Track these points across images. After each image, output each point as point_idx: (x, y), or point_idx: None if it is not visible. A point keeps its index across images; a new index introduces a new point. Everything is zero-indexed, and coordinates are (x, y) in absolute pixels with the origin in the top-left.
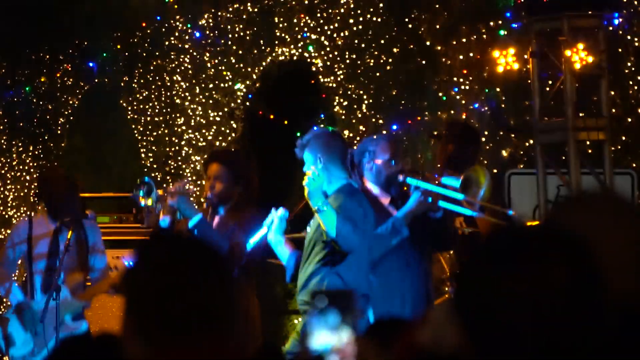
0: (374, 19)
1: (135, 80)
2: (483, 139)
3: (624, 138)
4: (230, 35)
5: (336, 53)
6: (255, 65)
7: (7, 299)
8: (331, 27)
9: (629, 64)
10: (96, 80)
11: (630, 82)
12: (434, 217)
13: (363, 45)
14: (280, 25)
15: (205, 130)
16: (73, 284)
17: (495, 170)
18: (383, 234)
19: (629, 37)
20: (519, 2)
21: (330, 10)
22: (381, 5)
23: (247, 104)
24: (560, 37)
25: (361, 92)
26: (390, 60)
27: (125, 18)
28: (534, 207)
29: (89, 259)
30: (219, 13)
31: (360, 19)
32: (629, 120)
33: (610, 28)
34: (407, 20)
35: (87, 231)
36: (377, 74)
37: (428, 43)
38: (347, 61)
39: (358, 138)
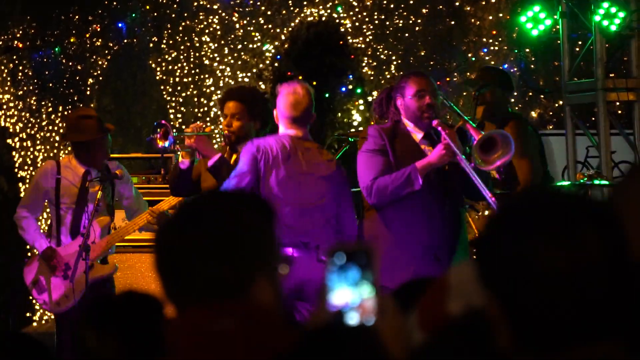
0: None
1: (164, 41)
2: (512, 100)
3: None
4: None
5: (365, 14)
6: (284, 26)
7: (32, 245)
8: None
9: None
10: (125, 41)
11: None
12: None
13: (392, 6)
14: None
15: None
16: (100, 228)
17: None
18: (394, 181)
19: None
20: None
21: None
22: None
23: (276, 64)
24: None
25: (390, 53)
26: (419, 20)
27: None
28: (562, 168)
29: (131, 206)
30: None
31: None
32: None
33: None
34: None
35: (118, 184)
36: (406, 35)
37: (457, 3)
38: (376, 22)
39: None
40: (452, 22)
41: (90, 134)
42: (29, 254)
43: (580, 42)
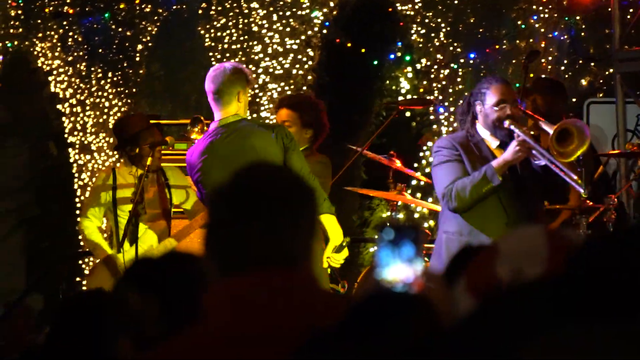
0: None
1: (213, 8)
2: (562, 68)
3: None
4: None
5: None
6: None
7: (94, 254)
8: None
9: None
10: (174, 7)
11: None
12: (537, 165)
13: None
14: None
15: (282, 58)
16: (158, 232)
17: (574, 99)
18: (472, 181)
19: None
20: None
21: None
22: None
23: (324, 32)
24: None
25: (439, 20)
26: None
27: None
28: (612, 137)
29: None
30: None
31: None
32: None
33: None
34: None
35: (169, 176)
36: (455, 2)
37: None
38: None
39: (435, 67)
40: None
41: (136, 127)
42: (78, 210)
43: (631, 10)
